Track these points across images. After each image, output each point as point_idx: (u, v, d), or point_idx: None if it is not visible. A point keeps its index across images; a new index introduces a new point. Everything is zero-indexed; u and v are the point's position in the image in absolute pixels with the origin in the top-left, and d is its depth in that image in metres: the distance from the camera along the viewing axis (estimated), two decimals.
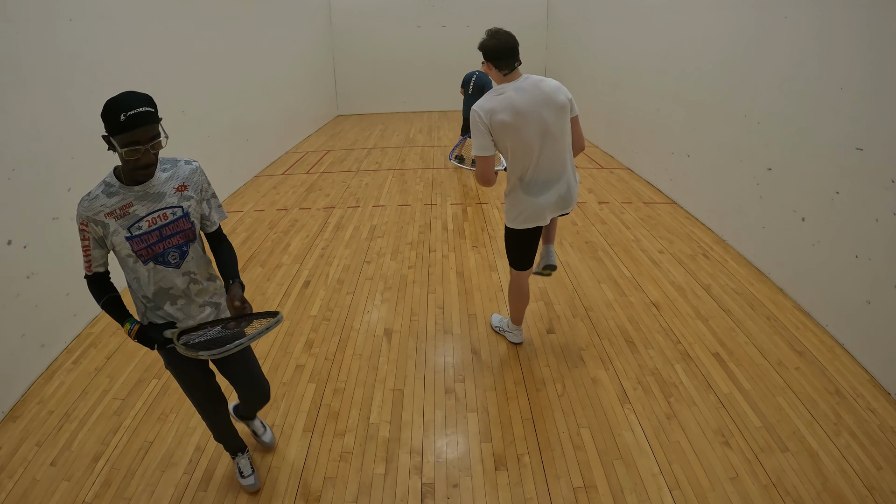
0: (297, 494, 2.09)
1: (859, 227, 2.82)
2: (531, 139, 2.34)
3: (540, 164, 2.40)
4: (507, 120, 2.30)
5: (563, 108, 2.39)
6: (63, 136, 3.11)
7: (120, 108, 1.50)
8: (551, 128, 2.36)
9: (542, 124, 2.34)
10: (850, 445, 2.25)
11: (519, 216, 2.51)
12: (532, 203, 2.45)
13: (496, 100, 2.32)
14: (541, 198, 2.44)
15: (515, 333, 3.01)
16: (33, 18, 2.91)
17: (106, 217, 1.60)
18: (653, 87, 5.82)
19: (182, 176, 1.70)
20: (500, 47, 2.33)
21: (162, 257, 1.66)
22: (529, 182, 2.42)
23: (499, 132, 2.33)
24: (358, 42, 11.32)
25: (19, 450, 2.32)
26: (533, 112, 2.32)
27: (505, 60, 2.34)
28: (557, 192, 2.47)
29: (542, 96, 2.34)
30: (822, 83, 3.12)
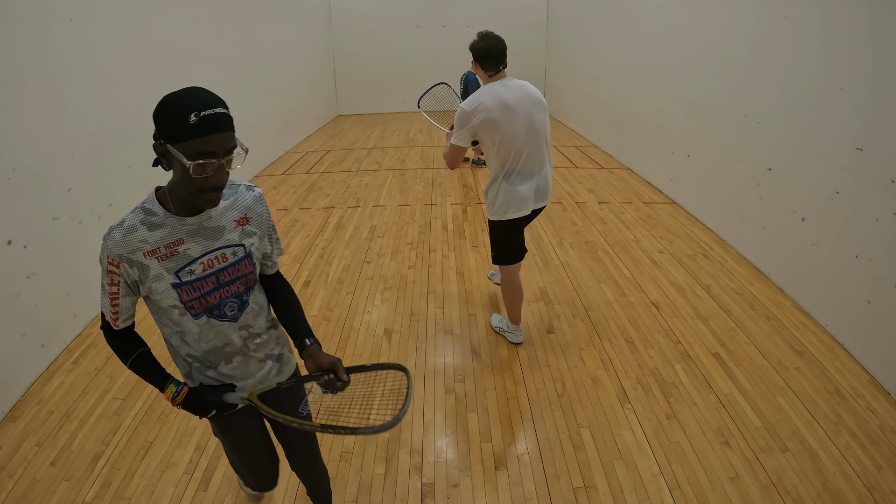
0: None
1: (859, 227, 2.82)
2: (518, 133, 2.47)
3: (524, 157, 2.52)
4: (496, 115, 2.43)
5: (545, 107, 2.57)
6: (63, 136, 3.11)
7: (192, 105, 1.10)
8: (536, 123, 2.50)
9: (529, 119, 2.47)
10: (850, 445, 2.25)
11: (504, 207, 2.59)
12: (516, 192, 2.55)
13: (485, 97, 2.45)
14: (522, 187, 2.55)
15: (515, 333, 3.01)
16: (33, 18, 2.91)
17: (146, 257, 1.21)
18: (653, 87, 5.82)
19: (244, 206, 1.33)
20: (491, 49, 2.49)
21: (218, 309, 1.31)
22: (512, 173, 2.54)
23: (486, 127, 2.45)
24: (358, 42, 11.32)
25: (19, 450, 2.31)
26: (521, 107, 2.46)
27: (493, 62, 2.51)
28: (536, 183, 2.60)
29: (529, 94, 2.50)
30: (822, 83, 3.12)
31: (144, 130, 4.61)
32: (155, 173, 2.45)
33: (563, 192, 5.77)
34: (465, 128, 2.47)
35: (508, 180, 2.55)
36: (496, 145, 2.48)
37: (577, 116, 9.29)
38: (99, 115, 3.48)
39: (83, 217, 3.27)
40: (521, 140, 2.48)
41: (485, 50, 2.50)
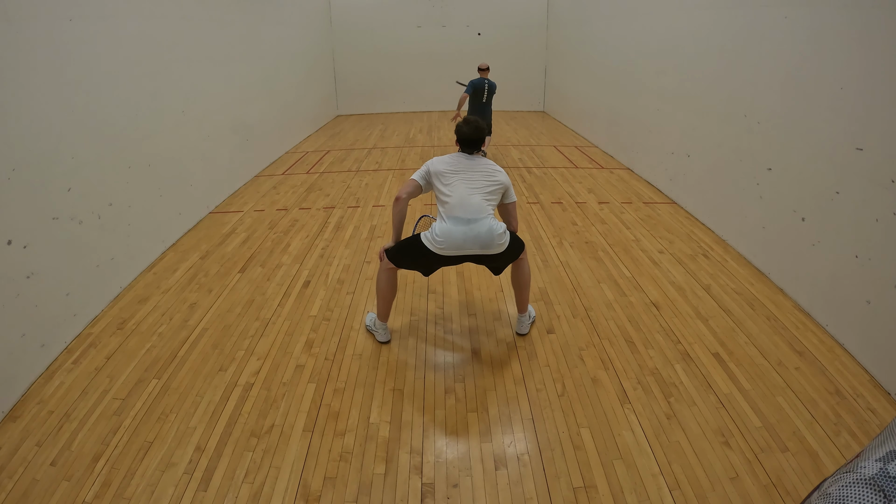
0: (297, 494, 2.09)
1: (859, 227, 2.82)
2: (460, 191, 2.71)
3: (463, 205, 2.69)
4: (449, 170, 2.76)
5: (500, 184, 2.78)
6: (63, 136, 3.11)
7: None
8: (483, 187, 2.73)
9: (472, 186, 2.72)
10: (850, 445, 2.25)
11: (436, 238, 2.70)
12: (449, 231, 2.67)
13: (449, 158, 2.82)
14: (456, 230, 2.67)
15: (382, 332, 3.05)
16: (33, 18, 2.91)
17: None
18: (653, 87, 5.82)
19: None
20: (471, 137, 2.82)
21: None
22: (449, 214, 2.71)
23: (437, 174, 2.77)
24: (358, 42, 11.33)
25: (19, 450, 2.31)
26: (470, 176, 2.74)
27: (469, 147, 2.85)
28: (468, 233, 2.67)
29: (486, 170, 2.78)
30: (822, 83, 3.12)
31: (144, 130, 4.61)
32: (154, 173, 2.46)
33: (563, 192, 5.77)
34: (422, 174, 2.81)
35: (444, 218, 2.71)
36: (438, 192, 2.77)
37: (577, 116, 9.29)
38: (99, 114, 3.48)
39: (83, 217, 3.27)
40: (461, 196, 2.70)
41: (466, 137, 2.82)
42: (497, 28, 11.40)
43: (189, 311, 3.42)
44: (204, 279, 3.85)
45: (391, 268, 2.90)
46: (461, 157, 2.83)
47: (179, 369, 2.84)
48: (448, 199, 2.71)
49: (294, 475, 2.17)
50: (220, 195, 5.63)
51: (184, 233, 4.70)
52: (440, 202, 2.76)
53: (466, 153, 2.86)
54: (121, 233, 3.68)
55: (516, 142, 8.55)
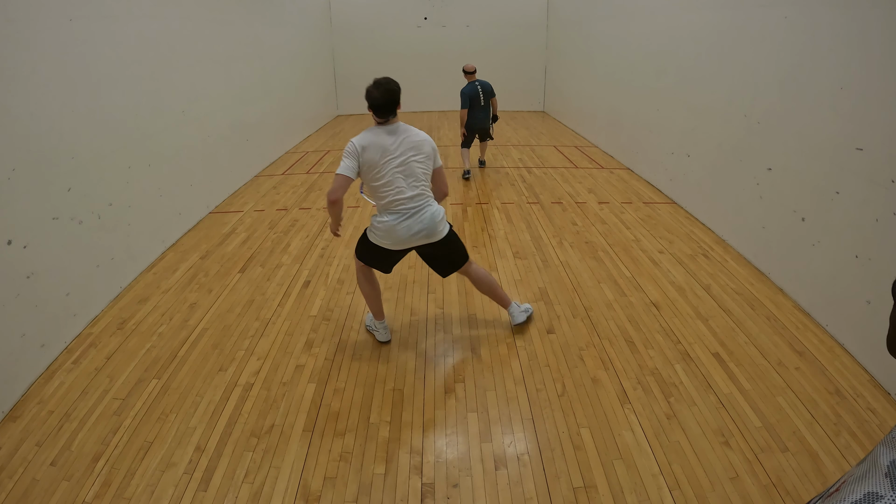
0: (297, 494, 2.09)
1: (859, 227, 2.82)
2: (393, 174, 2.63)
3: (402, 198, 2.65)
4: (376, 157, 2.60)
5: (428, 156, 2.72)
6: (63, 136, 3.11)
7: None
8: (414, 166, 2.67)
9: (404, 161, 2.64)
10: (850, 445, 2.25)
11: (380, 237, 2.73)
12: (394, 231, 2.67)
13: (370, 138, 2.63)
14: (400, 228, 2.67)
15: (382, 331, 3.04)
16: (33, 18, 2.91)
17: None
18: (653, 87, 5.82)
19: None
20: (381, 100, 2.63)
21: None
22: (387, 209, 2.68)
23: (367, 166, 2.61)
24: (358, 42, 11.33)
25: (19, 450, 2.31)
26: (400, 151, 2.63)
27: (383, 112, 2.65)
28: (418, 224, 2.69)
29: (410, 142, 2.66)
30: (822, 83, 3.12)
31: (145, 130, 4.60)
32: (154, 173, 2.46)
33: (563, 192, 5.77)
34: (351, 157, 2.60)
35: (384, 214, 2.69)
36: (377, 184, 2.65)
37: (577, 116, 9.29)
38: (99, 115, 3.48)
39: (83, 217, 3.27)
40: (396, 180, 2.63)
41: (376, 102, 2.64)
42: (497, 28, 11.39)
43: (189, 311, 3.42)
44: (204, 279, 3.85)
45: (362, 266, 2.92)
46: (381, 132, 2.65)
47: (179, 369, 2.84)
48: (386, 193, 2.63)
49: (294, 475, 2.17)
50: (220, 195, 5.63)
51: (184, 233, 4.70)
52: (376, 195, 2.66)
53: (383, 123, 2.68)
54: (121, 233, 3.69)
55: (516, 142, 8.54)
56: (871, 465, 0.72)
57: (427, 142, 2.73)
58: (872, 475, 0.69)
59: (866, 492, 0.67)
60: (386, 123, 2.68)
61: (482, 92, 6.18)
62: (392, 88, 2.66)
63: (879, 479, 0.67)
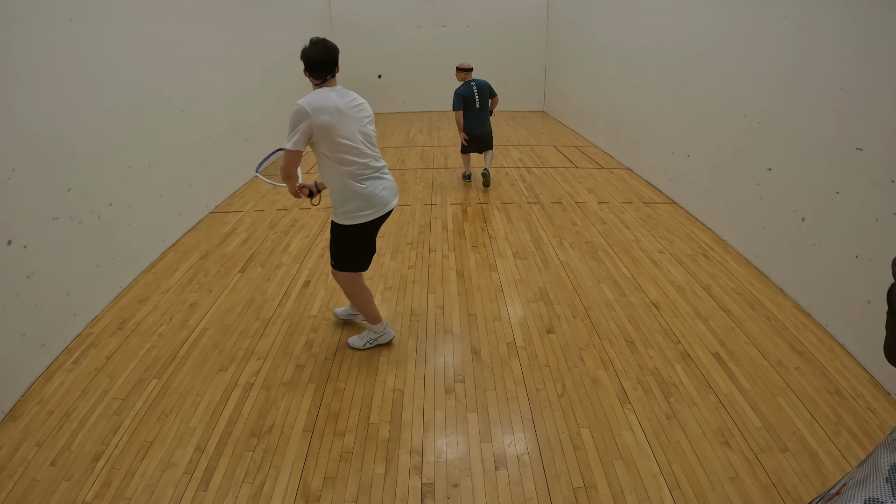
0: (297, 494, 2.09)
1: (859, 227, 2.82)
2: (355, 137, 2.52)
3: (366, 160, 2.57)
4: (331, 120, 2.43)
5: (369, 113, 2.66)
6: (63, 136, 3.11)
7: None
8: (368, 128, 2.61)
9: (361, 124, 2.56)
10: (850, 445, 2.25)
11: (359, 209, 2.58)
12: (371, 194, 2.57)
13: (321, 100, 2.43)
14: (379, 187, 2.60)
15: (385, 334, 2.99)
16: (33, 18, 2.91)
17: None
18: (653, 87, 5.82)
19: None
20: (319, 58, 2.47)
21: None
22: (361, 175, 2.56)
23: (322, 131, 2.43)
24: (358, 42, 11.32)
25: (19, 450, 2.31)
26: (353, 114, 2.53)
27: (321, 71, 2.50)
28: (386, 182, 2.65)
29: (358, 103, 2.59)
30: (822, 83, 3.12)
31: (145, 130, 4.59)
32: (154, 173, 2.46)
33: (563, 192, 5.77)
34: (301, 129, 2.40)
35: (360, 182, 2.56)
36: (337, 149, 2.47)
37: (577, 116, 9.29)
38: (99, 115, 3.48)
39: (83, 217, 3.27)
40: (360, 144, 2.53)
41: (315, 59, 2.47)
42: (497, 28, 11.39)
43: (189, 311, 3.42)
44: (204, 279, 3.85)
45: (350, 275, 2.80)
46: (329, 93, 2.48)
47: (179, 369, 2.84)
48: (352, 160, 2.49)
49: (294, 475, 2.17)
50: (220, 195, 5.63)
51: (184, 233, 4.70)
52: (343, 164, 2.49)
53: (322, 83, 2.52)
54: (121, 233, 3.69)
55: (516, 142, 8.54)
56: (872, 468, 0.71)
57: (365, 103, 2.65)
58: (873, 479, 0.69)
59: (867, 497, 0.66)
60: (325, 84, 2.53)
61: (478, 92, 5.64)
62: (330, 46, 2.51)
63: (880, 483, 0.67)
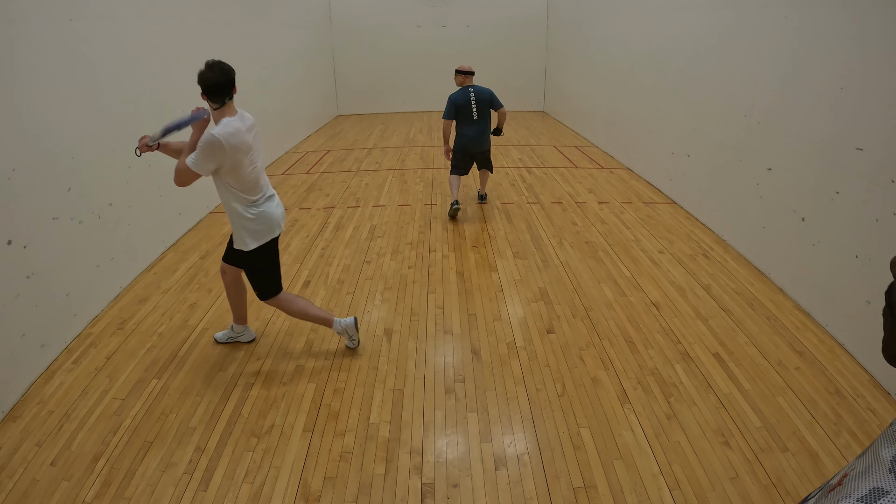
0: (297, 494, 2.09)
1: (859, 227, 2.82)
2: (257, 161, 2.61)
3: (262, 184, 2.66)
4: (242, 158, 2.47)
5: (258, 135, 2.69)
6: (63, 136, 3.11)
7: None
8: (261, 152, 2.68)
9: (259, 151, 2.64)
10: (850, 445, 2.25)
11: (263, 231, 2.63)
12: (271, 215, 2.66)
13: (234, 135, 2.43)
14: (275, 208, 2.70)
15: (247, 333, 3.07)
16: (33, 18, 2.91)
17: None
18: (653, 87, 5.82)
19: None
20: (219, 79, 2.47)
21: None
22: (262, 197, 2.65)
23: (232, 165, 2.45)
24: (358, 42, 11.33)
25: (19, 450, 2.31)
26: (255, 141, 2.61)
27: (219, 94, 2.49)
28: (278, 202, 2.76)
29: (255, 126, 2.65)
30: (822, 83, 3.12)
31: (145, 130, 4.61)
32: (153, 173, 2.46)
33: (563, 192, 5.77)
34: (213, 157, 2.39)
35: (260, 206, 2.62)
36: (242, 175, 2.50)
37: (577, 116, 9.29)
38: (99, 114, 3.48)
39: (83, 217, 3.27)
40: (259, 169, 2.63)
41: (211, 82, 2.46)
42: (497, 28, 11.39)
43: (189, 311, 3.41)
44: (204, 279, 3.85)
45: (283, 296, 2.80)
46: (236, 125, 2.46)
47: (179, 369, 2.84)
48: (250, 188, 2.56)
49: (294, 475, 2.17)
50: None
51: (184, 233, 4.70)
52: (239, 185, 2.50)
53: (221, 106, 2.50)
54: (121, 233, 3.68)
55: (516, 142, 8.54)
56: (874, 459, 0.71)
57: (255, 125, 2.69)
58: (875, 470, 0.69)
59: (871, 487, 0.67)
60: (224, 111, 2.50)
61: (476, 101, 4.69)
62: (225, 68, 2.51)
63: (883, 473, 0.67)
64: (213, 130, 2.39)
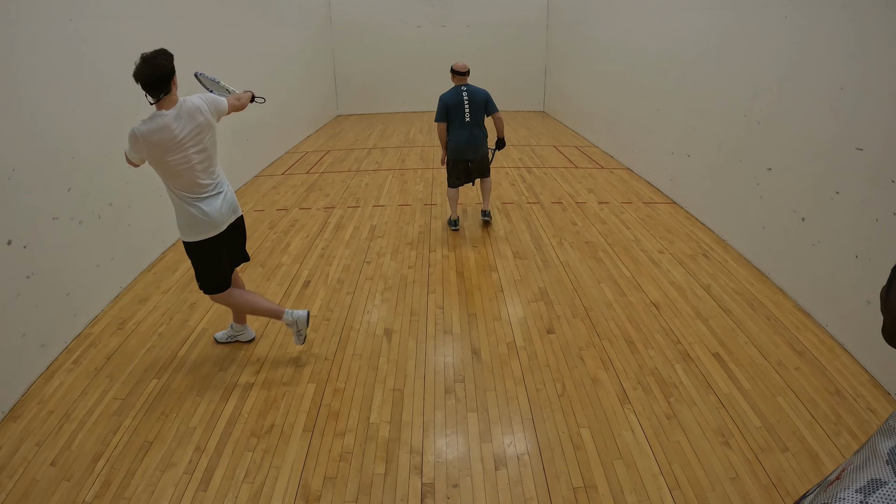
0: (297, 494, 2.09)
1: (859, 227, 2.82)
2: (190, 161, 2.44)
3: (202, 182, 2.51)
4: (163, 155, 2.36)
5: (210, 126, 2.50)
6: (63, 136, 3.11)
7: None
8: (207, 147, 2.50)
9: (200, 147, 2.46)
10: (850, 445, 2.25)
11: (195, 228, 2.53)
12: (203, 215, 2.52)
13: (153, 131, 2.32)
14: (211, 207, 2.54)
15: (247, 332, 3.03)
16: (33, 18, 2.91)
17: None
18: (653, 87, 5.82)
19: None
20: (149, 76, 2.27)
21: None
22: (194, 195, 2.51)
23: (156, 155, 2.36)
24: (358, 42, 11.32)
25: (19, 450, 2.31)
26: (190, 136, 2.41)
27: (151, 89, 2.30)
28: (224, 199, 2.61)
29: (199, 127, 2.43)
30: (822, 83, 3.12)
31: None
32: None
33: (563, 192, 5.77)
34: (138, 150, 2.36)
35: (190, 204, 2.51)
36: (170, 172, 2.43)
37: (577, 116, 9.29)
38: (99, 114, 3.48)
39: (83, 217, 3.27)
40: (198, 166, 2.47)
41: (141, 79, 2.27)
42: (497, 28, 11.39)
43: (189, 311, 3.42)
44: None
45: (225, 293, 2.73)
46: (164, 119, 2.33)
47: (179, 369, 2.84)
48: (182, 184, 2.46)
49: (294, 475, 2.17)
50: None
51: None
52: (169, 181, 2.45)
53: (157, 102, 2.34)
54: (121, 233, 3.69)
55: (516, 142, 8.54)
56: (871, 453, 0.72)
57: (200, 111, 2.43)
58: (873, 463, 0.70)
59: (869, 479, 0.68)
60: (162, 105, 2.35)
61: (469, 101, 4.33)
62: (158, 62, 2.27)
63: (881, 466, 0.68)
64: (136, 123, 2.34)
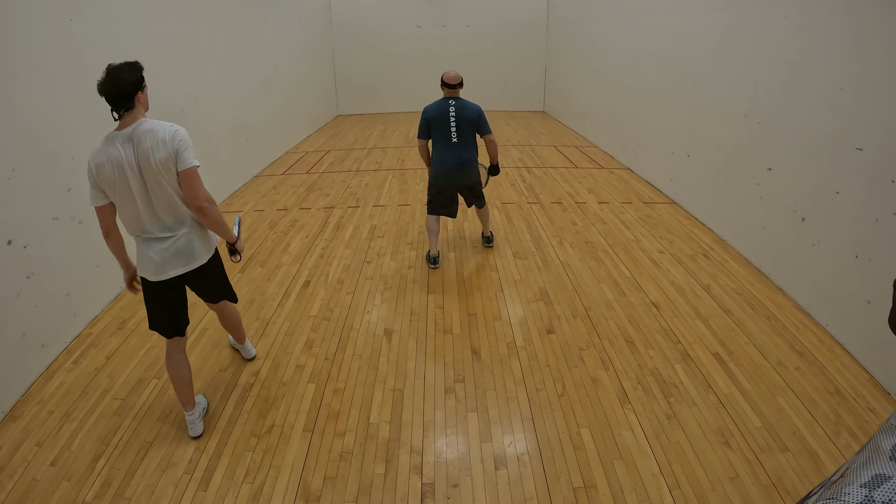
0: (297, 494, 2.09)
1: (859, 227, 2.82)
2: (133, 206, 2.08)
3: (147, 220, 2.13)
4: (111, 177, 2.01)
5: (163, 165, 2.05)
6: (63, 136, 3.11)
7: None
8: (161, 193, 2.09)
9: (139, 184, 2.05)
10: (850, 445, 2.25)
11: (140, 265, 2.20)
12: (146, 256, 2.16)
13: (104, 153, 2.02)
14: (151, 251, 2.15)
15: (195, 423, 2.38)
16: (33, 18, 2.91)
17: None
18: (653, 87, 5.82)
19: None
20: (109, 91, 2.04)
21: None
22: (140, 236, 2.18)
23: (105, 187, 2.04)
24: (358, 42, 11.33)
25: (19, 450, 2.31)
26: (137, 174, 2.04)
27: (112, 104, 2.04)
28: (175, 245, 2.18)
29: (143, 155, 2.03)
30: (822, 83, 3.12)
31: None
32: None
33: (563, 192, 5.77)
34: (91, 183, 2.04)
35: (138, 242, 2.19)
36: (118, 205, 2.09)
37: (577, 116, 9.29)
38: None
39: (83, 217, 3.27)
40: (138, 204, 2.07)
41: (102, 94, 2.03)
42: (497, 28, 11.39)
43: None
44: None
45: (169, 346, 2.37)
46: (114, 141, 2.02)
47: None
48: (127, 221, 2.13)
49: (294, 475, 2.17)
50: (219, 195, 5.63)
51: None
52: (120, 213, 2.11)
53: (119, 118, 2.06)
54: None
55: (516, 142, 8.54)
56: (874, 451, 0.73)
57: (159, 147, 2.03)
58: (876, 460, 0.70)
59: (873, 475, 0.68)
60: (124, 123, 2.08)
61: (455, 117, 3.66)
62: (119, 76, 2.02)
63: (884, 462, 0.69)
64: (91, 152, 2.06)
